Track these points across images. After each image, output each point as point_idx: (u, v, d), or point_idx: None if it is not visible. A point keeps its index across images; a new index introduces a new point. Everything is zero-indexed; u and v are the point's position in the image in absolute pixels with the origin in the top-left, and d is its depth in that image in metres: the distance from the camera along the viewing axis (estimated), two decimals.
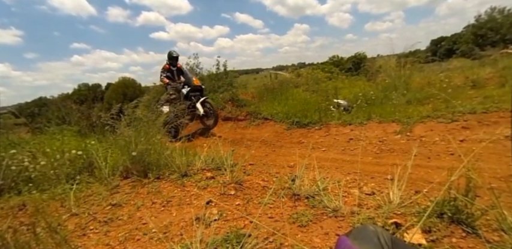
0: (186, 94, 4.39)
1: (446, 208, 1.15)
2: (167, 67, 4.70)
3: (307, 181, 1.54)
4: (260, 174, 1.97)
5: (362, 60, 13.65)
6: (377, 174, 1.77)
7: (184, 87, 4.50)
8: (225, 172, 1.84)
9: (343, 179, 1.66)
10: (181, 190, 1.77)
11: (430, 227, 1.10)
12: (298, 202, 1.42)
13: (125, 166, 2.08)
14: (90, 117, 3.23)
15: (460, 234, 1.06)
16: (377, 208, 1.28)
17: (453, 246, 1.00)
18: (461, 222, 1.11)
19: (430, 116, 2.89)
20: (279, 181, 1.67)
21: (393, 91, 4.13)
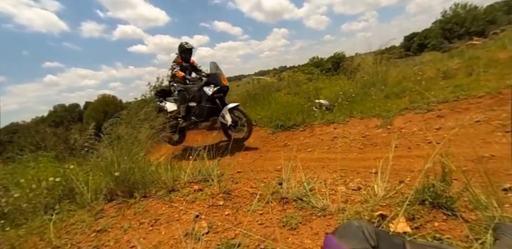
0: (210, 95, 3.51)
1: (426, 195, 1.21)
2: (180, 62, 3.99)
3: (295, 183, 1.57)
4: (248, 181, 1.98)
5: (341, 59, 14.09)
6: (362, 169, 1.83)
7: (209, 85, 3.58)
8: (212, 183, 1.84)
9: (329, 177, 1.70)
10: (169, 206, 1.75)
11: (414, 214, 1.15)
12: (286, 205, 1.45)
13: (108, 188, 2.02)
14: (67, 140, 3.13)
15: (441, 217, 1.12)
16: (363, 202, 1.33)
17: (435, 230, 1.06)
18: (441, 206, 1.17)
19: (408, 108, 3.04)
20: (267, 186, 1.69)
21: (372, 87, 4.29)
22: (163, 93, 4.19)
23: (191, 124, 3.79)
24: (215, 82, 3.56)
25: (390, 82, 4.39)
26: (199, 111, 3.64)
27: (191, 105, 3.77)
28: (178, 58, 3.98)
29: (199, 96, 3.64)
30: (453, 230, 1.05)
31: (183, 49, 4.04)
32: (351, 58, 9.35)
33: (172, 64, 3.90)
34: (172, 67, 3.87)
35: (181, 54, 4.04)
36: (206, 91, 3.56)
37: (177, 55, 4.01)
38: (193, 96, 3.73)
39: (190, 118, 3.75)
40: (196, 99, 3.70)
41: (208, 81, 3.59)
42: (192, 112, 3.76)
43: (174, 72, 3.83)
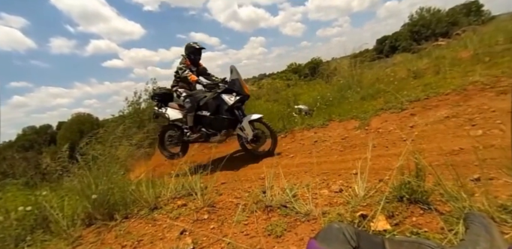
0: (231, 105, 3.08)
1: (403, 191, 1.27)
2: (188, 64, 3.47)
3: (278, 191, 1.59)
4: (233, 192, 1.98)
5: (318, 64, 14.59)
6: (343, 171, 1.89)
7: (229, 93, 3.13)
8: (196, 197, 1.82)
9: (312, 182, 1.73)
10: (153, 225, 1.70)
11: (393, 211, 1.20)
12: (271, 213, 1.46)
13: (86, 212, 1.93)
14: (39, 165, 2.98)
15: (418, 212, 1.18)
16: (345, 204, 1.37)
17: (414, 224, 1.10)
18: (418, 201, 1.23)
19: (383, 108, 3.18)
20: (251, 196, 1.69)
21: (348, 90, 4.46)
22: (164, 97, 3.62)
23: (201, 137, 3.28)
24: (237, 90, 3.12)
25: (365, 84, 4.59)
26: (217, 122, 3.18)
27: (202, 114, 3.28)
28: (186, 60, 3.48)
29: (216, 105, 3.18)
30: (430, 223, 1.10)
31: (191, 50, 3.52)
32: (327, 63, 9.70)
33: (181, 66, 3.39)
34: (182, 70, 3.36)
35: (190, 55, 3.53)
36: (226, 100, 3.10)
37: (184, 57, 3.50)
38: (206, 104, 3.26)
39: (200, 130, 3.30)
40: (210, 108, 3.24)
41: (228, 87, 3.13)
42: (202, 123, 3.30)
43: (185, 74, 3.30)
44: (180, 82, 3.54)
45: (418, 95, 3.21)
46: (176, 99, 3.60)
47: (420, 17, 26.51)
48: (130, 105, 7.92)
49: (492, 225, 0.89)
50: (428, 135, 2.19)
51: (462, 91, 2.99)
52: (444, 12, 25.80)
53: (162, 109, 3.54)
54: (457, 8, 26.43)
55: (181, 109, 3.46)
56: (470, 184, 1.37)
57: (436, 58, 5.72)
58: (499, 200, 1.11)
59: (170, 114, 3.46)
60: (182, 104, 3.42)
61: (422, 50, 8.97)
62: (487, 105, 2.45)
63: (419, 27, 25.72)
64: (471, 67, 3.93)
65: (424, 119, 2.58)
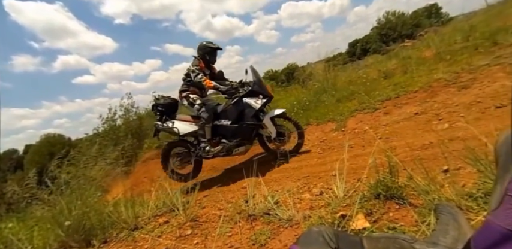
0: (258, 109, 2.82)
1: (379, 189, 1.32)
2: (202, 67, 3.06)
3: (260, 199, 1.60)
4: (216, 203, 1.96)
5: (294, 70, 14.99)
6: (323, 173, 1.93)
7: (253, 96, 2.85)
8: (178, 212, 1.79)
9: (294, 186, 1.77)
10: (134, 247, 1.64)
11: (371, 209, 1.24)
12: (254, 222, 1.46)
13: (59, 242, 1.83)
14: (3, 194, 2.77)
15: (394, 207, 1.23)
16: (326, 206, 1.40)
17: (391, 220, 1.15)
18: (394, 197, 1.28)
19: (358, 109, 3.32)
20: (234, 206, 1.69)
21: (323, 93, 4.62)
22: (169, 108, 3.11)
23: (222, 150, 2.89)
24: (262, 92, 2.87)
25: (340, 87, 4.77)
26: (242, 130, 2.84)
27: (221, 124, 2.94)
28: (200, 62, 3.07)
29: (239, 112, 2.86)
30: (405, 217, 1.15)
31: (207, 50, 3.14)
32: (302, 68, 10.01)
33: (194, 69, 2.96)
34: (195, 73, 2.93)
35: (205, 56, 3.14)
36: (252, 104, 2.82)
37: (198, 58, 3.10)
38: (226, 111, 2.96)
39: (220, 142, 2.92)
40: (231, 116, 2.90)
41: (252, 90, 2.87)
42: (222, 134, 2.95)
43: (199, 79, 2.88)
44: (191, 87, 3.11)
45: (389, 94, 3.39)
46: (188, 108, 3.12)
47: (387, 20, 28.27)
48: (105, 122, 7.68)
49: (459, 213, 0.95)
50: (400, 132, 2.31)
51: (428, 88, 3.20)
52: (408, 15, 27.73)
53: (167, 123, 3.01)
54: (419, 11, 28.49)
55: (193, 121, 3.02)
56: (441, 175, 1.45)
57: (403, 58, 6.07)
58: (465, 189, 1.19)
59: (180, 127, 2.96)
60: (196, 113, 2.98)
61: (391, 51, 9.50)
62: (451, 100, 2.63)
63: (387, 29, 27.40)
64: (435, 65, 4.21)
65: (395, 117, 2.72)
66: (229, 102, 2.97)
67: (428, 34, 10.09)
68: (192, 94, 3.08)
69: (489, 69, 3.07)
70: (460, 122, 2.07)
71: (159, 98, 3.14)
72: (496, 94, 2.39)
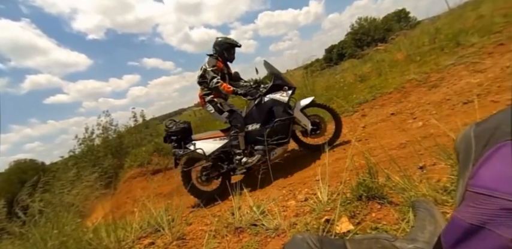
0: (287, 102, 2.64)
1: (361, 190, 1.36)
2: (220, 67, 2.78)
3: (246, 210, 1.59)
4: (202, 219, 1.93)
5: None
6: (307, 179, 1.96)
7: (277, 90, 2.66)
8: (164, 232, 1.74)
9: (279, 195, 1.78)
10: None
11: (354, 211, 1.27)
12: (242, 234, 1.45)
13: None
14: None
15: (376, 207, 1.27)
16: (311, 212, 1.42)
17: (374, 220, 1.18)
18: (375, 197, 1.33)
19: None
20: (220, 220, 1.67)
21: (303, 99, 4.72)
22: (184, 134, 2.77)
23: (261, 158, 2.60)
24: (285, 84, 2.68)
25: (318, 92, 4.91)
26: (278, 129, 2.58)
27: (251, 130, 2.69)
28: (218, 61, 2.77)
29: (266, 111, 2.64)
30: (387, 216, 1.19)
31: (225, 47, 2.85)
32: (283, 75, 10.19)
33: (209, 71, 2.66)
34: (210, 76, 2.64)
35: (223, 53, 2.85)
36: (279, 98, 2.62)
37: (215, 56, 2.81)
38: (251, 115, 2.72)
39: (255, 150, 2.66)
40: (258, 118, 2.67)
41: (274, 84, 2.67)
42: (253, 140, 2.68)
43: (215, 84, 2.61)
44: (212, 91, 2.80)
45: (365, 97, 3.53)
46: (214, 115, 2.82)
47: (360, 26, 29.73)
48: (82, 142, 7.42)
49: (434, 208, 1.00)
50: (378, 133, 2.40)
51: (402, 89, 3.37)
52: (379, 20, 29.35)
53: (188, 147, 2.70)
54: (389, 16, 30.25)
55: (216, 136, 2.77)
56: (418, 172, 1.52)
57: (377, 61, 6.36)
58: (440, 183, 1.25)
59: (204, 147, 2.68)
60: (224, 121, 2.75)
61: (366, 55, 9.94)
62: (423, 99, 2.78)
63: (361, 34, 28.78)
64: (406, 67, 4.44)
65: (373, 118, 2.83)
66: (251, 103, 2.76)
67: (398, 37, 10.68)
68: (218, 98, 2.77)
69: (454, 68, 3.29)
70: (432, 119, 2.19)
71: (170, 125, 2.78)
72: (462, 91, 2.56)
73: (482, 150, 0.40)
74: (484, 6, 6.56)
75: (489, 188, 0.35)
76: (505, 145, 0.37)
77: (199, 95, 2.88)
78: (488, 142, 0.40)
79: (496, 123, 0.42)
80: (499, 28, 4.17)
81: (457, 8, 9.52)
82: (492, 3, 6.23)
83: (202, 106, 2.92)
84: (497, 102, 2.14)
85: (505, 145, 0.37)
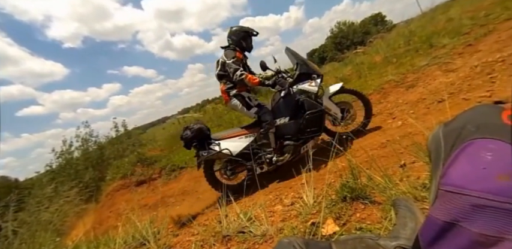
0: (317, 92, 2.51)
1: (345, 191, 1.40)
2: (240, 58, 2.62)
3: (233, 217, 1.58)
4: (189, 229, 1.90)
5: None
6: (293, 183, 1.98)
7: (305, 79, 2.51)
8: (150, 245, 1.70)
9: (266, 200, 1.78)
10: None
11: (339, 212, 1.30)
12: (229, 242, 1.43)
13: None
14: None
15: (360, 208, 1.30)
16: (298, 216, 1.43)
17: (358, 220, 1.21)
18: (359, 197, 1.36)
19: None
20: (207, 229, 1.65)
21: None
22: (202, 135, 2.54)
23: (292, 153, 2.48)
24: (313, 72, 2.54)
25: None
26: (310, 122, 2.42)
27: (279, 124, 2.53)
28: (237, 51, 2.61)
29: (294, 103, 2.49)
30: (371, 216, 1.22)
31: (242, 35, 2.68)
32: None
33: (230, 63, 2.49)
34: (232, 68, 2.48)
35: (241, 43, 2.68)
36: (308, 89, 2.47)
37: (232, 47, 2.65)
38: (277, 107, 2.57)
39: (285, 146, 2.51)
40: (286, 111, 2.53)
41: (301, 72, 2.52)
42: (283, 135, 2.54)
43: (240, 77, 2.45)
44: (236, 84, 2.61)
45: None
46: (242, 111, 2.64)
47: (339, 29, 30.67)
48: (60, 155, 7.11)
49: (414, 205, 1.03)
50: (360, 134, 2.47)
51: (381, 90, 3.49)
52: (357, 24, 30.44)
53: (212, 148, 2.52)
54: (366, 20, 31.46)
55: (240, 133, 2.60)
56: (399, 170, 1.57)
57: (357, 64, 6.59)
58: (419, 181, 1.30)
59: (229, 146, 2.51)
60: (253, 117, 2.60)
61: (346, 58, 10.27)
62: (401, 99, 2.90)
63: (340, 38, 29.68)
64: (384, 68, 4.62)
65: None
66: (277, 95, 2.62)
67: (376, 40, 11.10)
68: (244, 92, 2.60)
69: (429, 69, 3.46)
70: (410, 118, 2.28)
71: (184, 133, 2.54)
72: (437, 91, 2.68)
73: (451, 150, 0.42)
74: (452, 10, 6.97)
75: (458, 186, 0.37)
76: (470, 144, 0.39)
77: (221, 90, 2.69)
78: (455, 141, 0.42)
79: (462, 123, 0.44)
80: (467, 30, 4.43)
81: (429, 11, 10.07)
82: (460, 6, 6.63)
83: (226, 102, 2.74)
84: (468, 100, 2.27)
85: (470, 144, 0.39)
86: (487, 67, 2.70)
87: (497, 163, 0.36)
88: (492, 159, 0.36)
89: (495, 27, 3.92)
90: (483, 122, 0.41)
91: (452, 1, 8.38)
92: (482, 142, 0.39)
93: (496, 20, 4.20)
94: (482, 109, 0.46)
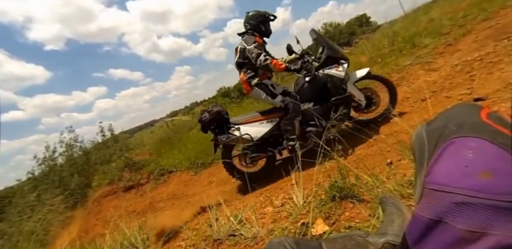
0: (344, 77, 2.43)
1: (334, 191, 1.41)
2: (261, 43, 2.51)
3: (224, 221, 1.58)
4: (180, 234, 1.88)
5: None
6: (283, 184, 1.99)
7: (332, 63, 2.44)
8: None
9: (256, 202, 1.78)
10: None
11: (328, 212, 1.31)
12: (221, 246, 1.42)
13: None
14: None
15: (349, 207, 1.32)
16: (288, 216, 1.43)
17: (347, 219, 1.23)
18: (347, 196, 1.38)
19: None
20: (198, 233, 1.63)
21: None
22: (220, 119, 2.47)
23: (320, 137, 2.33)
24: (340, 56, 2.48)
25: None
26: (337, 108, 2.40)
27: (305, 110, 2.47)
28: (256, 36, 2.49)
29: (319, 88, 2.43)
30: (360, 214, 1.24)
31: (261, 20, 2.56)
32: None
33: (252, 48, 2.37)
34: (255, 53, 2.35)
35: (260, 27, 2.56)
36: (335, 74, 2.39)
37: (251, 33, 2.52)
38: (302, 92, 2.50)
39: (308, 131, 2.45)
40: (311, 96, 2.47)
41: (328, 56, 2.43)
42: (307, 121, 2.47)
43: (265, 62, 2.32)
44: (259, 70, 2.49)
45: None
46: (266, 100, 2.53)
47: (326, 30, 31.14)
48: (43, 162, 6.87)
49: (400, 202, 1.06)
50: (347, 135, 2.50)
51: None
52: (343, 25, 31.01)
53: (232, 133, 2.44)
54: (352, 21, 32.11)
55: (262, 118, 2.50)
56: (386, 168, 1.60)
57: None
58: (406, 178, 1.33)
59: (250, 131, 2.43)
60: (279, 105, 2.47)
61: None
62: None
63: None
64: (370, 68, 4.71)
65: None
66: (300, 80, 2.55)
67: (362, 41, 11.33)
68: (266, 80, 2.50)
69: (412, 68, 3.56)
70: (396, 117, 2.34)
71: (203, 115, 2.48)
72: (420, 89, 2.76)
73: (434, 148, 0.43)
74: (433, 11, 7.20)
75: (442, 184, 0.38)
76: (452, 143, 0.40)
77: (242, 80, 2.57)
78: (438, 140, 0.43)
79: (444, 122, 0.45)
80: (447, 30, 4.59)
81: (411, 12, 10.37)
82: (440, 8, 6.86)
83: (247, 92, 2.62)
84: (450, 98, 2.35)
85: (452, 142, 0.40)
86: (467, 66, 2.81)
87: (478, 160, 0.37)
88: (473, 157, 0.37)
89: (473, 27, 4.08)
90: (463, 121, 0.43)
91: (433, 2, 8.67)
92: (463, 140, 0.40)
93: (473, 20, 4.38)
94: (462, 108, 0.48)
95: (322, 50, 2.48)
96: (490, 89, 2.21)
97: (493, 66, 2.59)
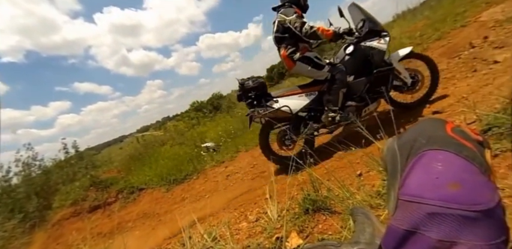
0: (386, 50, 2.43)
1: (307, 204, 1.44)
2: (300, 14, 2.43)
3: (198, 239, 1.52)
4: None
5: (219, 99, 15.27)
6: (258, 198, 1.98)
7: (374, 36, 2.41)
8: None
9: (231, 217, 1.75)
10: None
11: (302, 225, 1.33)
12: None
13: None
14: None
15: (322, 219, 1.34)
16: (263, 231, 1.43)
17: (321, 232, 1.25)
18: (320, 209, 1.41)
19: None
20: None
21: None
22: (262, 90, 2.44)
23: (359, 111, 2.43)
24: (381, 29, 2.43)
25: None
26: (378, 81, 2.38)
27: (349, 82, 2.43)
28: (295, 9, 2.41)
29: (361, 61, 2.40)
30: (332, 226, 1.27)
31: None
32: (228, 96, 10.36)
33: (292, 19, 2.30)
34: (299, 22, 2.27)
35: (299, 1, 2.51)
36: (377, 46, 2.37)
37: (288, 5, 2.44)
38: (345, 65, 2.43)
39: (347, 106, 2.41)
40: (352, 69, 2.42)
41: (369, 29, 2.38)
42: (347, 95, 2.43)
43: (311, 29, 2.24)
44: (300, 44, 2.44)
45: None
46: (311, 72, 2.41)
47: None
48: None
49: (370, 212, 1.10)
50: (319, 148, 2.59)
51: None
52: None
53: (270, 105, 2.38)
54: None
55: (302, 91, 2.46)
56: (357, 179, 1.67)
57: None
58: (374, 188, 1.40)
59: (290, 104, 2.38)
60: (325, 77, 2.38)
61: None
62: None
63: None
64: None
65: None
66: (340, 53, 2.53)
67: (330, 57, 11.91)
68: (310, 53, 2.43)
69: None
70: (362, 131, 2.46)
71: (246, 82, 2.42)
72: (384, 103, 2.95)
73: (406, 161, 0.46)
74: (393, 30, 7.83)
75: (415, 195, 0.40)
76: (423, 155, 0.43)
77: (282, 55, 2.50)
78: (409, 153, 0.46)
79: (414, 136, 0.48)
80: None
81: None
82: (399, 27, 7.45)
83: (289, 68, 2.54)
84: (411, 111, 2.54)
85: (423, 155, 0.43)
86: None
87: (447, 172, 0.39)
88: (442, 169, 0.40)
89: (428, 46, 4.48)
90: (431, 134, 0.46)
91: (393, 22, 9.41)
92: (433, 153, 0.43)
93: (428, 39, 4.81)
94: (429, 123, 0.52)
95: (364, 24, 2.44)
96: (445, 103, 2.42)
97: (447, 81, 2.85)
